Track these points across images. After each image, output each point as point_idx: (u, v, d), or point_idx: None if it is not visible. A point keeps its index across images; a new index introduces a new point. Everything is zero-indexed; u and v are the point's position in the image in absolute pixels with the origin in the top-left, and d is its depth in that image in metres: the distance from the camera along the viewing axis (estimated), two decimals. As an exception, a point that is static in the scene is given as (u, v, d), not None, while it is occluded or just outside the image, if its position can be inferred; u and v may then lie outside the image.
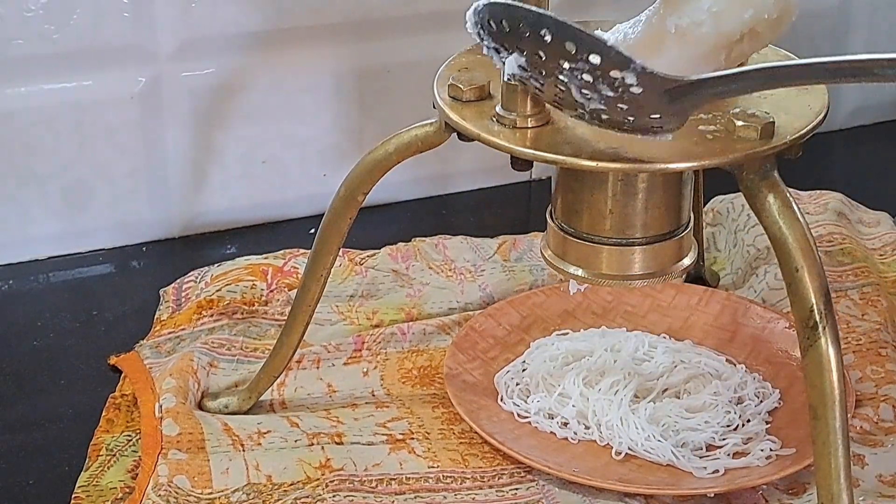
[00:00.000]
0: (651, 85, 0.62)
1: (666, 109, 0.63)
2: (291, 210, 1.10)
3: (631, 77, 0.61)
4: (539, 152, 0.68)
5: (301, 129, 1.08)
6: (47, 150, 1.01)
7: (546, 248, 0.77)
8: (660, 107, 0.63)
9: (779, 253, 0.68)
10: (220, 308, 0.94)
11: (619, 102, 0.63)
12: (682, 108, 0.64)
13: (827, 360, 0.67)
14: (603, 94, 0.63)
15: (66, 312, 0.98)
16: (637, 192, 0.72)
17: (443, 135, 0.74)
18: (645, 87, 0.62)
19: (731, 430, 0.83)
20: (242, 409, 0.85)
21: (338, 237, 0.80)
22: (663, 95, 0.62)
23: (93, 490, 0.79)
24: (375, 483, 0.79)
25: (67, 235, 1.04)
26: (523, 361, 0.90)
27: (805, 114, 0.70)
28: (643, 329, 0.93)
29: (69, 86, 1.01)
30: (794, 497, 0.79)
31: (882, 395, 0.86)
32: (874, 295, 0.95)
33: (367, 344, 0.92)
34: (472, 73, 0.74)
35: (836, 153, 1.25)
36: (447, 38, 1.05)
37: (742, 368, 0.89)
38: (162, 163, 1.05)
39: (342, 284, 0.98)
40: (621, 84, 0.62)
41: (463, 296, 0.98)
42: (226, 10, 1.02)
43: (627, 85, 0.62)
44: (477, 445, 0.83)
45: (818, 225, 1.02)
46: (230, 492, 0.78)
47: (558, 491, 0.80)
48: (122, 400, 0.87)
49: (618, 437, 0.82)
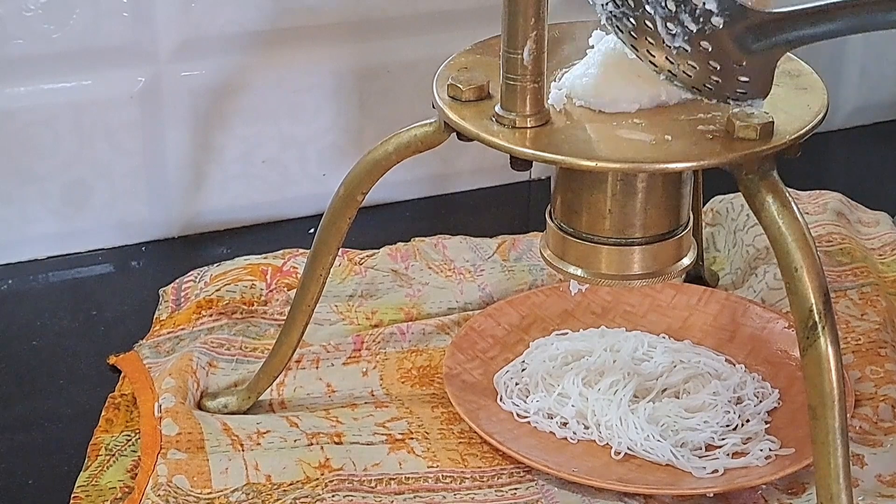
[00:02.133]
0: (733, 16, 0.59)
1: (750, 57, 0.61)
2: (291, 210, 1.10)
3: (712, 2, 0.59)
4: (538, 152, 0.68)
5: (300, 129, 1.08)
6: (47, 150, 1.01)
7: (545, 247, 0.77)
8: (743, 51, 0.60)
9: (778, 253, 0.68)
10: (219, 308, 0.94)
11: (701, 39, 0.61)
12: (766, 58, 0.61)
13: (826, 360, 0.67)
14: (686, 27, 0.61)
15: (65, 312, 0.98)
16: (636, 191, 0.72)
17: (442, 135, 0.74)
18: (727, 20, 0.59)
19: (730, 430, 0.83)
20: (242, 409, 0.85)
21: (337, 237, 0.80)
22: (746, 35, 0.60)
23: (92, 490, 0.79)
24: (375, 483, 0.79)
25: (67, 235, 1.04)
26: (523, 361, 0.90)
27: (804, 114, 0.70)
28: (642, 329, 0.93)
29: (69, 85, 1.01)
30: (794, 497, 0.79)
31: (881, 395, 0.86)
32: (873, 295, 0.95)
33: (367, 344, 0.92)
34: (471, 72, 0.74)
35: (835, 153, 1.25)
36: (447, 38, 1.05)
37: (741, 368, 0.89)
38: (161, 163, 1.05)
39: (341, 284, 0.98)
40: (703, 13, 0.60)
41: (462, 296, 0.98)
42: (225, 9, 1.02)
43: (708, 13, 0.60)
44: (476, 445, 0.83)
45: (817, 225, 1.02)
46: (229, 491, 0.78)
47: (557, 491, 0.80)
48: (121, 400, 0.87)
49: (617, 437, 0.82)
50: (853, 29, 0.59)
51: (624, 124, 0.71)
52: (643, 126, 0.70)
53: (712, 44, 0.61)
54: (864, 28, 0.59)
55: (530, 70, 0.69)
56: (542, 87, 0.70)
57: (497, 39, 0.70)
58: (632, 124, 0.71)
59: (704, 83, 0.64)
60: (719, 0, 0.59)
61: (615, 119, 0.71)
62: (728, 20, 0.60)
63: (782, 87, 0.72)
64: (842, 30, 0.59)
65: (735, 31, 0.60)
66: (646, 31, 0.63)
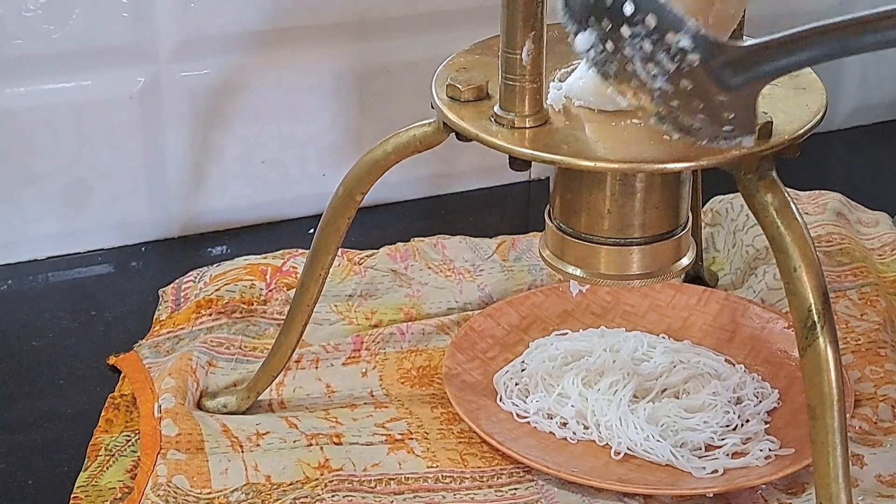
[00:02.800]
0: (708, 52, 0.60)
1: (730, 92, 0.62)
2: (290, 210, 1.10)
3: (686, 40, 0.60)
4: (537, 152, 0.68)
5: (300, 129, 1.08)
6: (46, 150, 1.01)
7: (544, 248, 0.77)
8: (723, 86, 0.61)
9: (777, 253, 0.68)
10: (218, 307, 0.94)
11: (681, 78, 0.62)
12: (747, 92, 0.62)
13: (825, 360, 0.67)
14: (664, 66, 0.62)
15: (65, 312, 0.98)
16: (635, 191, 0.72)
17: (441, 135, 0.74)
18: (703, 56, 0.60)
19: (730, 430, 0.83)
20: (241, 409, 0.85)
21: (336, 237, 0.80)
22: (724, 70, 0.61)
23: (92, 490, 0.79)
24: (374, 483, 0.79)
25: (66, 235, 1.04)
26: (522, 361, 0.90)
27: (803, 114, 0.70)
28: (642, 329, 0.93)
29: (68, 86, 1.01)
30: (793, 497, 0.79)
31: (881, 395, 0.86)
32: (873, 295, 0.95)
33: (366, 344, 0.92)
34: (470, 73, 0.74)
35: (834, 153, 1.25)
36: (447, 38, 1.05)
37: (741, 368, 0.89)
38: (161, 163, 1.05)
39: (341, 284, 0.98)
40: (677, 51, 0.61)
41: (462, 296, 0.98)
42: (225, 9, 1.02)
43: (683, 51, 0.60)
44: (476, 445, 0.83)
45: (817, 225, 1.02)
46: (229, 492, 0.78)
47: (557, 491, 0.80)
48: (121, 400, 0.87)
49: (617, 437, 0.82)
50: (829, 56, 0.59)
51: (623, 124, 0.71)
52: (642, 126, 0.70)
53: (692, 82, 0.62)
54: (840, 54, 0.59)
55: (529, 70, 0.69)
56: (541, 87, 0.70)
57: (496, 40, 0.70)
58: (631, 124, 0.71)
59: (692, 123, 0.65)
60: (693, 37, 0.60)
61: (614, 119, 0.71)
62: (704, 56, 0.61)
63: (781, 87, 0.72)
64: (817, 57, 0.60)
65: (712, 66, 0.61)
66: (629, 74, 0.64)
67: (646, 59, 0.62)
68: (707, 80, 0.61)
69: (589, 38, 0.64)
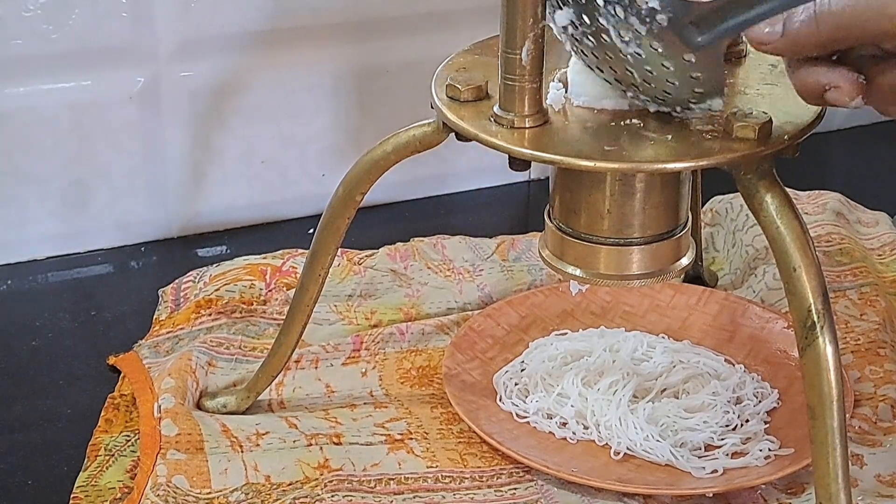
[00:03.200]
0: (676, 11, 0.62)
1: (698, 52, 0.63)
2: (290, 210, 1.10)
3: (654, 1, 0.62)
4: (537, 152, 0.68)
5: (300, 129, 1.08)
6: (46, 150, 1.01)
7: (544, 247, 0.77)
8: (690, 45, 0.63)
9: (777, 253, 0.68)
10: (218, 307, 0.94)
11: (651, 41, 0.63)
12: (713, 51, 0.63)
13: (825, 360, 0.67)
14: (636, 30, 0.63)
15: (64, 312, 0.98)
16: (635, 191, 0.72)
17: (441, 135, 0.74)
18: (670, 16, 0.62)
19: (729, 430, 0.83)
20: (241, 409, 0.85)
21: (336, 237, 0.80)
22: (691, 29, 0.62)
23: (91, 490, 0.79)
24: (374, 483, 0.79)
25: (66, 235, 1.04)
26: (522, 361, 0.90)
27: (803, 113, 0.70)
28: (642, 329, 0.93)
29: (68, 86, 1.01)
30: (793, 497, 0.79)
31: (881, 395, 0.86)
32: (873, 295, 0.95)
33: (366, 344, 0.92)
34: (469, 73, 0.74)
35: (834, 153, 1.25)
36: (446, 38, 1.05)
37: (741, 368, 0.89)
38: (161, 163, 1.05)
39: (341, 284, 0.98)
40: (647, 12, 0.62)
41: (461, 296, 0.98)
42: (225, 10, 1.02)
43: (653, 11, 0.62)
44: (476, 445, 0.83)
45: (816, 225, 1.02)
46: (229, 492, 0.78)
47: (557, 491, 0.80)
48: (120, 400, 0.87)
49: (616, 437, 0.82)
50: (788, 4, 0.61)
51: (623, 124, 0.71)
52: (642, 126, 0.70)
53: (661, 43, 0.64)
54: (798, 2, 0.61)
55: (528, 70, 0.68)
56: (541, 87, 0.70)
57: (496, 40, 0.70)
58: (631, 124, 0.70)
59: (663, 88, 0.66)
60: None
61: (614, 119, 0.71)
62: (672, 16, 0.63)
63: (781, 86, 0.72)
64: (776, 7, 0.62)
65: (679, 25, 0.63)
66: (604, 45, 0.65)
67: (619, 26, 0.64)
68: (675, 39, 0.63)
69: (567, 14, 0.66)
